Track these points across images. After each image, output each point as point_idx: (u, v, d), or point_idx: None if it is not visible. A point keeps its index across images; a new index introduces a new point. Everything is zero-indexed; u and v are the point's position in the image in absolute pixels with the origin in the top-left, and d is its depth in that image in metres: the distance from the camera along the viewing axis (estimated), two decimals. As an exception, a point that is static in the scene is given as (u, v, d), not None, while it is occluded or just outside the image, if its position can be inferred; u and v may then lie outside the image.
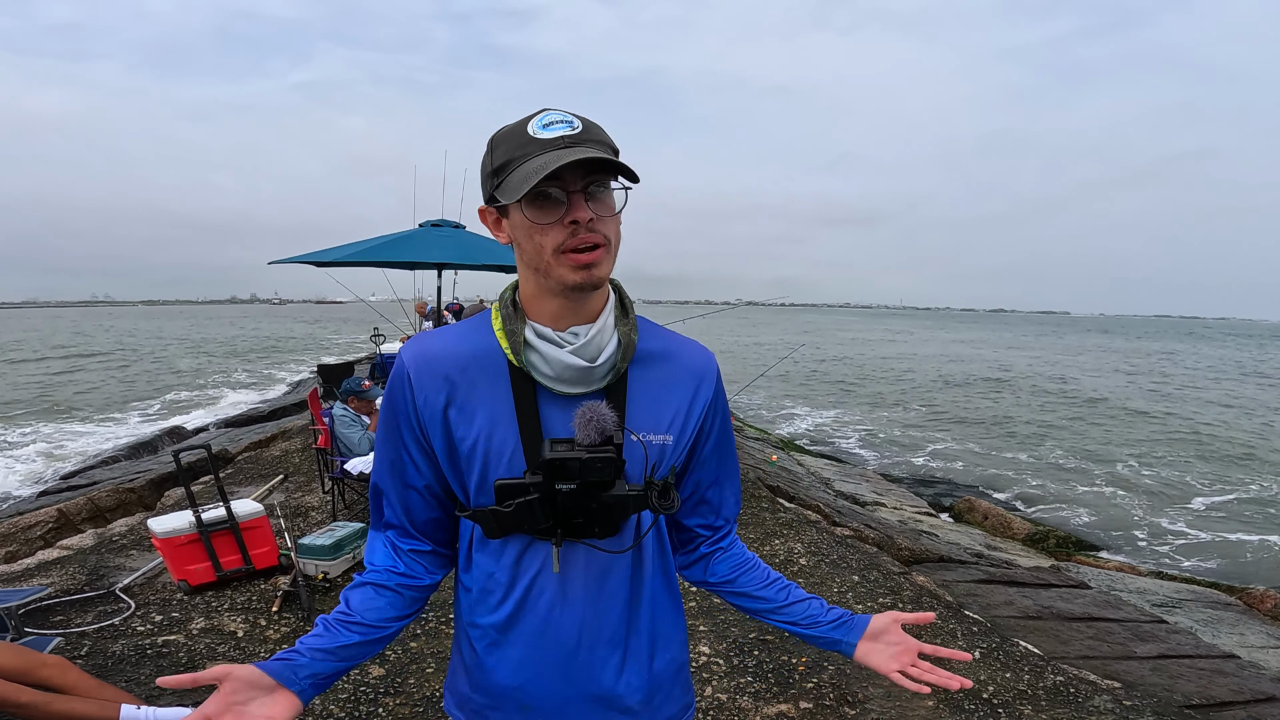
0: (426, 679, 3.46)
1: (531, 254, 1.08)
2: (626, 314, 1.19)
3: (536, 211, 1.05)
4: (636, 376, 1.20)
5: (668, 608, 1.31)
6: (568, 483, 1.08)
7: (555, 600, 1.19)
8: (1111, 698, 3.57)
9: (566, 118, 1.06)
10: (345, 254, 7.16)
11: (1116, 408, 23.03)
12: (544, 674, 1.21)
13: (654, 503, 1.13)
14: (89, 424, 17.30)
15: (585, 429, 1.08)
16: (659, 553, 1.29)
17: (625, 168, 1.04)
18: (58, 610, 4.06)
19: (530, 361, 1.13)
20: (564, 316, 1.14)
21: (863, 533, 6.39)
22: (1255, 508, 11.59)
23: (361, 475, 5.55)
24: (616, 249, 1.11)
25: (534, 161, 1.02)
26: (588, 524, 1.14)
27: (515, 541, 1.18)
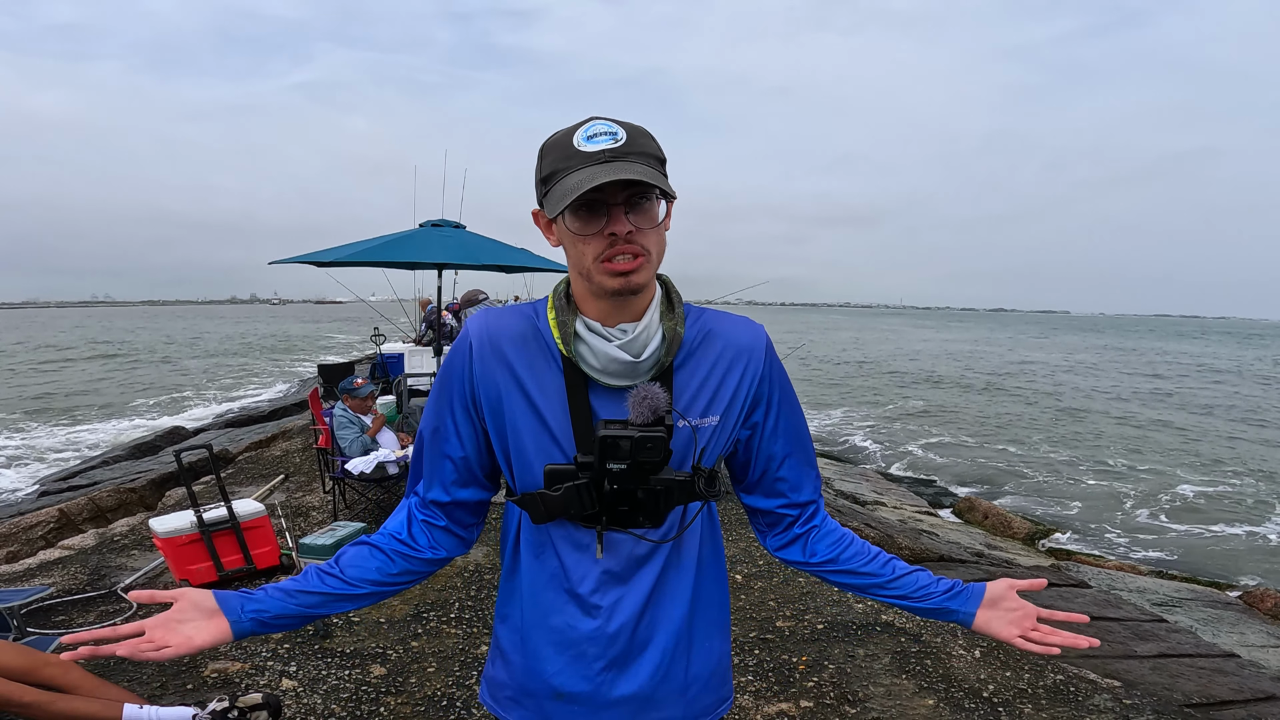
0: (428, 679, 3.47)
1: (575, 260, 1.13)
2: (673, 309, 1.22)
3: (578, 222, 1.08)
4: (685, 364, 1.22)
5: (712, 599, 1.32)
6: (619, 462, 1.11)
7: (596, 586, 1.22)
8: (1111, 696, 3.58)
9: (611, 129, 1.08)
10: (345, 254, 7.16)
11: (1115, 406, 23.04)
12: (581, 660, 1.25)
13: (700, 488, 1.15)
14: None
15: (639, 407, 1.12)
16: (706, 543, 1.30)
17: (657, 186, 1.06)
18: (60, 610, 4.07)
19: (579, 353, 1.17)
20: (611, 315, 1.17)
21: (862, 532, 6.40)
22: (1255, 506, 11.60)
23: (362, 475, 5.56)
24: (658, 258, 1.14)
25: (574, 176, 1.05)
26: (632, 512, 1.17)
27: (562, 526, 1.22)
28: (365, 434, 5.74)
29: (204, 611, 1.10)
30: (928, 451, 15.56)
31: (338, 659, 3.61)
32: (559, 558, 1.23)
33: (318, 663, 3.58)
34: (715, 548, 1.34)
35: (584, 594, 1.23)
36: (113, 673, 3.38)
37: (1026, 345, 61.46)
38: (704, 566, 1.29)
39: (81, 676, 2.76)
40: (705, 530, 1.30)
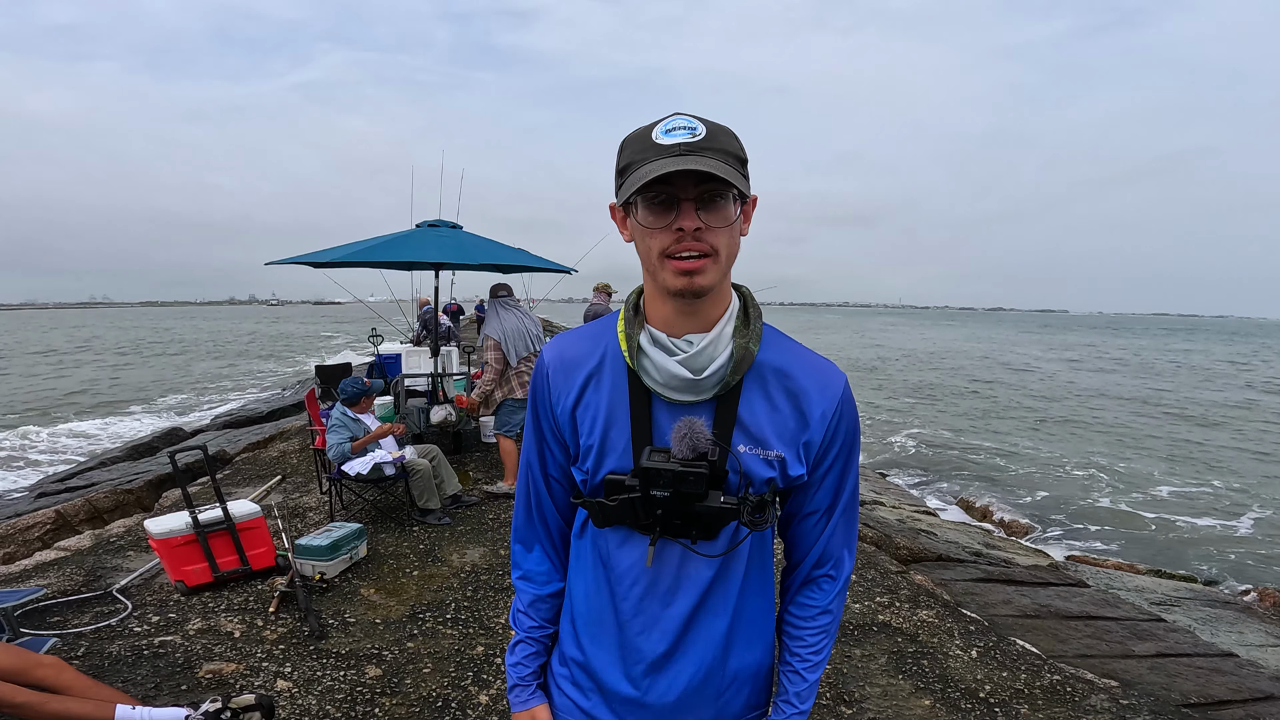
0: (423, 679, 3.46)
1: (643, 255, 1.13)
2: (748, 324, 1.19)
3: (649, 215, 1.08)
4: (753, 389, 1.20)
5: (756, 611, 1.31)
6: (661, 490, 1.12)
7: (646, 592, 1.25)
8: (1109, 696, 3.57)
9: (691, 124, 1.07)
10: (342, 254, 7.15)
11: (1114, 406, 23.05)
12: (626, 660, 1.28)
13: (745, 518, 1.13)
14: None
15: (679, 444, 1.11)
16: (755, 556, 1.28)
17: (732, 184, 1.05)
18: (55, 611, 4.06)
19: (643, 366, 1.18)
20: (677, 322, 1.17)
21: (861, 532, 6.39)
22: (1254, 505, 11.60)
23: (359, 476, 5.55)
24: (728, 260, 1.12)
25: (648, 166, 1.04)
26: (685, 526, 1.18)
27: (619, 532, 1.25)
28: (350, 444, 5.61)
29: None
30: (927, 451, 15.56)
31: (333, 660, 3.60)
32: (614, 558, 1.27)
33: (313, 663, 3.57)
34: (764, 560, 1.32)
35: (632, 598, 1.26)
36: (106, 674, 3.38)
37: (1024, 344, 61.49)
38: (750, 579, 1.28)
39: (74, 677, 2.75)
40: (756, 545, 1.28)
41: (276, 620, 4.01)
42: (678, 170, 1.02)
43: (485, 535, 5.52)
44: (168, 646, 3.68)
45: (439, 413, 7.54)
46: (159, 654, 3.60)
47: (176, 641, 3.74)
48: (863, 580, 4.88)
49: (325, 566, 4.50)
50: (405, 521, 5.76)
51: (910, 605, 4.50)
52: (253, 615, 4.07)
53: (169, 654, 3.60)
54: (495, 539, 5.43)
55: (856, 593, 4.66)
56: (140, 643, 3.71)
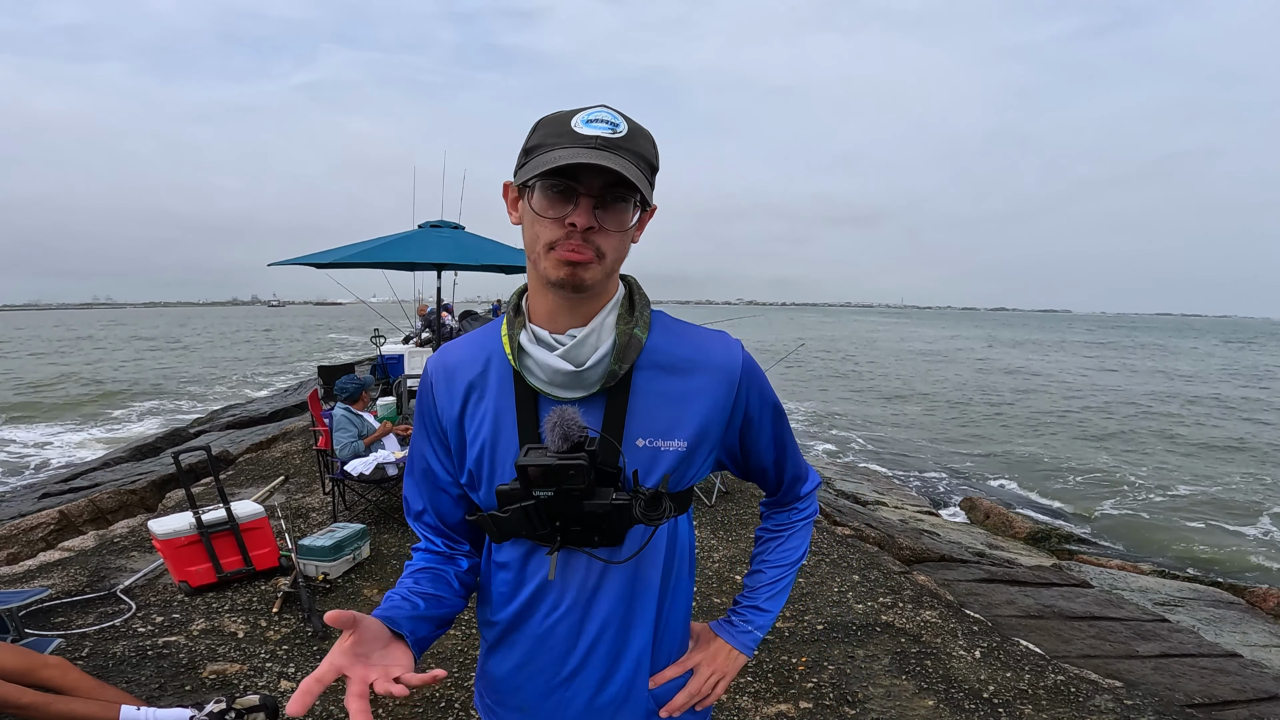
0: (427, 679, 3.46)
1: (528, 242, 1.07)
2: (633, 311, 1.15)
3: (544, 202, 1.02)
4: (645, 379, 1.14)
5: (678, 621, 1.26)
6: (544, 489, 1.05)
7: (553, 607, 1.18)
8: (1113, 697, 3.56)
9: (614, 119, 1.02)
10: (344, 255, 7.16)
11: (1113, 406, 23.02)
12: (538, 679, 1.22)
13: (638, 513, 1.06)
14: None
15: (550, 435, 1.03)
16: (671, 564, 1.22)
17: (638, 189, 1.00)
18: (59, 611, 4.06)
19: (526, 366, 1.12)
20: (559, 316, 1.12)
21: (864, 532, 6.39)
22: (1256, 505, 11.58)
23: (362, 477, 5.55)
24: (614, 264, 1.07)
25: (557, 152, 0.99)
26: (586, 532, 1.10)
27: (521, 546, 1.18)
28: (361, 440, 5.71)
29: (383, 639, 1.04)
30: (929, 451, 15.55)
31: (336, 660, 3.60)
32: (519, 574, 1.20)
33: (316, 664, 3.56)
34: (684, 564, 1.26)
35: (541, 613, 1.19)
36: (110, 674, 3.38)
37: (1019, 343, 61.42)
38: (670, 586, 1.23)
39: (79, 678, 2.76)
40: (673, 548, 1.22)
41: (280, 621, 4.02)
42: (592, 165, 0.97)
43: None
44: (172, 647, 3.68)
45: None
46: (163, 654, 3.60)
47: (180, 642, 3.74)
48: (866, 580, 4.88)
49: (328, 567, 4.51)
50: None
51: (913, 606, 4.49)
52: (256, 616, 4.07)
53: (173, 654, 3.61)
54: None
55: (860, 593, 4.66)
56: (144, 643, 3.71)
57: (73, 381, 26.57)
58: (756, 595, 1.34)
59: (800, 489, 1.37)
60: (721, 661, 1.30)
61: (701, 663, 1.29)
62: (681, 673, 1.27)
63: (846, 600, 4.54)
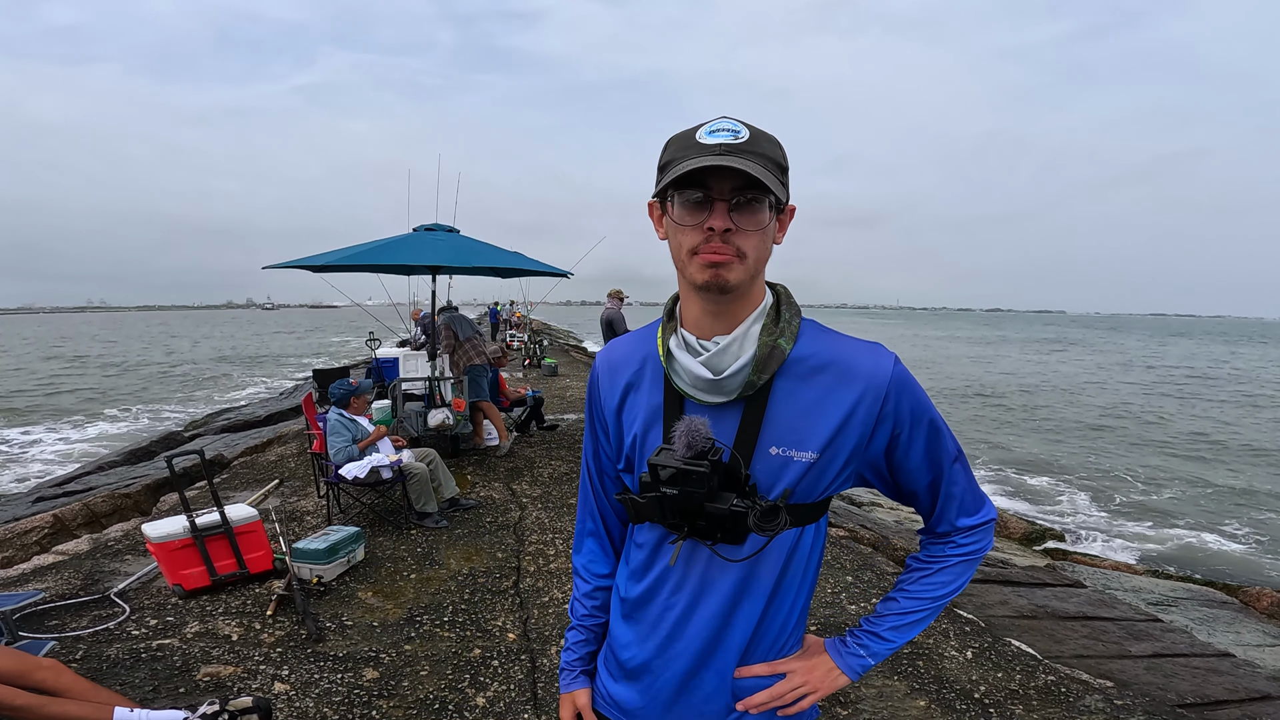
0: (420, 681, 3.46)
1: (674, 251, 1.14)
2: (779, 321, 1.17)
3: (683, 212, 1.08)
4: (784, 388, 1.16)
5: (779, 625, 1.26)
6: (669, 488, 1.12)
7: (673, 591, 1.25)
8: (1103, 697, 3.58)
9: (735, 127, 1.07)
10: (339, 258, 7.17)
11: (1107, 407, 23.08)
12: (649, 657, 1.30)
13: (752, 522, 1.09)
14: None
15: (677, 442, 1.11)
16: (785, 571, 1.22)
17: (769, 189, 1.04)
18: (53, 614, 4.06)
19: (674, 369, 1.20)
20: (707, 323, 1.17)
21: (858, 533, 6.40)
22: (1250, 505, 11.62)
23: (357, 480, 5.55)
24: (756, 263, 1.11)
25: (684, 164, 1.04)
26: (710, 528, 1.15)
27: (655, 531, 1.26)
28: (356, 444, 5.71)
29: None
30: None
31: (330, 662, 3.61)
32: (647, 556, 1.29)
33: (310, 666, 3.57)
34: (800, 572, 1.25)
35: (659, 595, 1.27)
36: (104, 676, 3.38)
37: (1019, 344, 61.56)
38: (780, 592, 1.24)
39: (73, 680, 2.76)
40: (791, 556, 1.22)
41: (274, 623, 4.02)
42: (713, 168, 1.03)
43: (482, 538, 5.52)
44: (165, 649, 3.69)
45: (436, 416, 7.55)
46: (157, 657, 3.61)
47: (174, 644, 3.74)
48: (859, 582, 4.89)
49: (323, 570, 4.51)
50: (403, 525, 5.77)
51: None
52: (250, 618, 4.07)
53: (167, 657, 3.61)
54: (493, 542, 5.44)
55: (853, 594, 4.68)
56: (138, 646, 3.71)
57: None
58: (881, 622, 1.29)
59: (961, 520, 1.27)
60: (818, 676, 1.27)
61: (796, 671, 1.27)
62: (771, 673, 1.27)
63: (839, 601, 4.56)
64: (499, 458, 8.23)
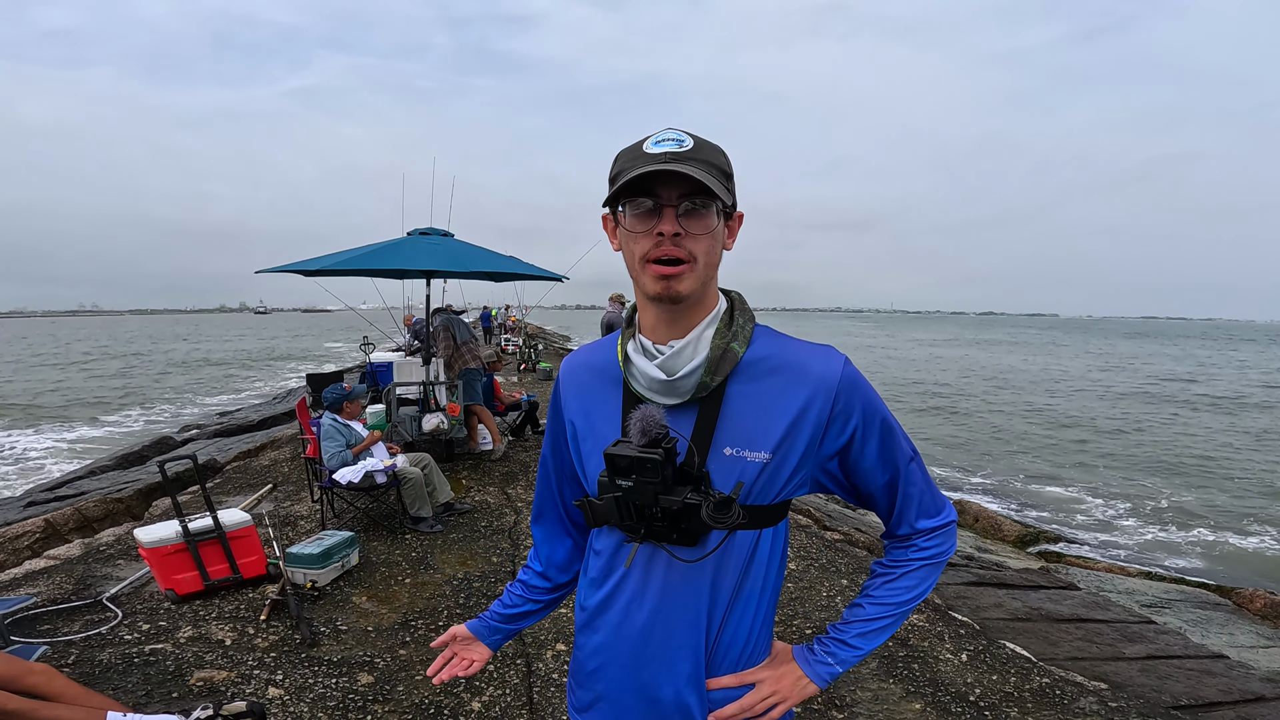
0: (415, 686, 3.45)
1: (627, 260, 1.17)
2: (732, 325, 1.20)
3: (634, 220, 1.12)
4: (738, 390, 1.19)
5: (744, 632, 1.25)
6: (624, 479, 1.13)
7: (633, 597, 1.25)
8: (1098, 699, 3.59)
9: (679, 137, 1.12)
10: (333, 262, 7.15)
11: (1101, 411, 23.16)
12: (614, 665, 1.29)
13: (706, 514, 1.09)
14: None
15: (632, 429, 1.13)
16: (747, 574, 1.22)
17: (712, 191, 1.08)
18: (44, 619, 4.04)
19: (630, 373, 1.23)
20: (662, 327, 1.20)
21: (853, 537, 6.41)
22: (1244, 507, 11.66)
23: (351, 485, 5.54)
24: (706, 268, 1.14)
25: (633, 172, 1.08)
26: (667, 529, 1.16)
27: (614, 536, 1.27)
28: (349, 449, 5.69)
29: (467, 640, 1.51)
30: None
31: (325, 667, 3.59)
32: (609, 563, 1.29)
33: (304, 671, 3.56)
34: (762, 576, 1.24)
35: (621, 602, 1.27)
36: (97, 681, 3.36)
37: (1012, 347, 61.74)
38: (741, 596, 1.23)
39: (65, 684, 2.74)
40: (751, 559, 1.22)
41: (268, 628, 4.00)
42: (660, 175, 1.07)
43: (478, 543, 5.51)
44: (158, 654, 3.67)
45: (431, 421, 7.53)
46: (150, 661, 3.59)
47: (167, 649, 3.72)
48: (855, 585, 4.90)
49: (317, 574, 4.49)
50: (397, 529, 5.75)
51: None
52: (244, 623, 4.06)
53: (160, 661, 3.59)
54: (488, 546, 5.43)
55: (849, 597, 4.68)
56: (131, 650, 3.69)
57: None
58: (847, 629, 1.28)
59: (921, 522, 1.27)
60: (787, 685, 1.27)
61: (766, 680, 1.27)
62: (739, 684, 1.26)
63: (835, 604, 4.56)
64: (493, 462, 8.22)
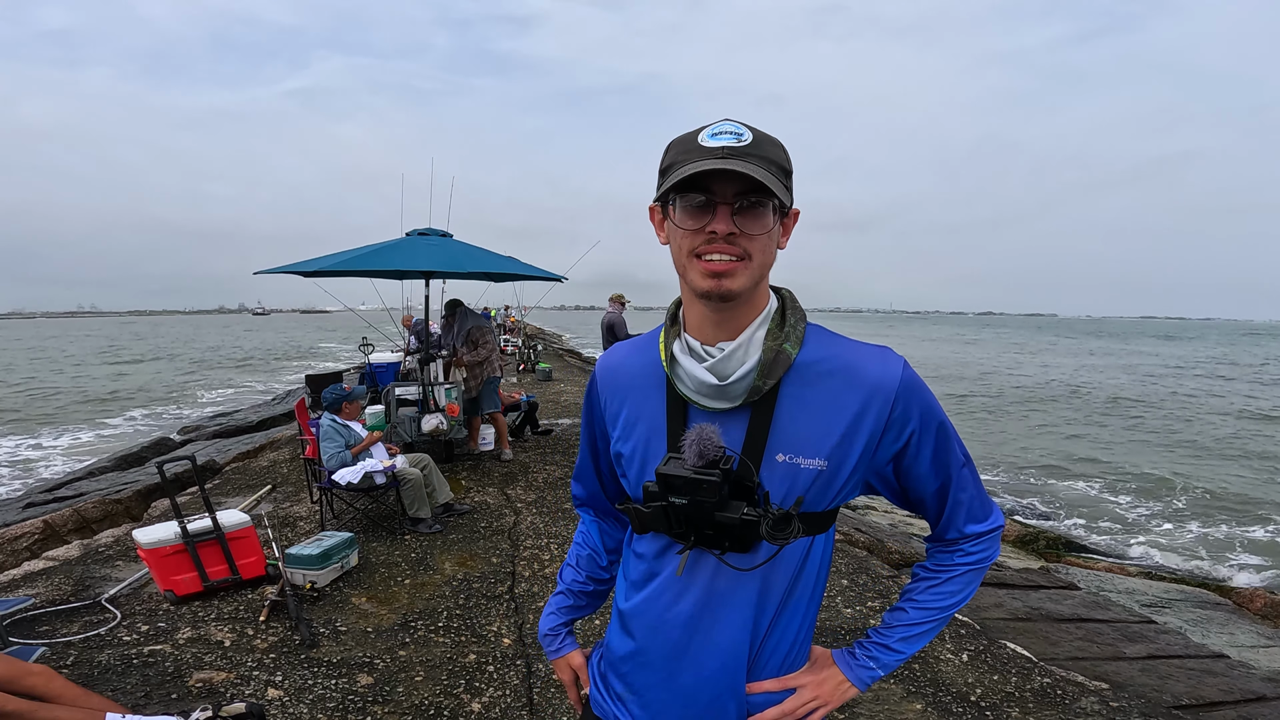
0: (415, 687, 3.44)
1: (675, 255, 1.12)
2: (784, 326, 1.15)
3: (685, 216, 1.06)
4: (791, 394, 1.14)
5: (790, 636, 1.23)
6: (679, 498, 1.09)
7: (674, 602, 1.22)
8: (1099, 699, 3.58)
9: (738, 130, 1.05)
10: (331, 263, 7.15)
11: (1094, 409, 23.17)
12: (650, 666, 1.27)
13: (764, 531, 1.06)
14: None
15: (688, 451, 1.08)
16: (797, 580, 1.20)
17: (773, 193, 1.03)
18: (43, 620, 4.03)
19: (677, 375, 1.17)
20: (710, 329, 1.15)
21: (853, 536, 6.40)
22: (1244, 505, 11.66)
23: (350, 486, 5.53)
24: (761, 268, 1.09)
25: (686, 167, 1.03)
26: (718, 537, 1.12)
27: (658, 541, 1.23)
28: (348, 450, 5.68)
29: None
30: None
31: (324, 668, 3.58)
32: (653, 566, 1.26)
33: (304, 672, 3.55)
34: (812, 583, 1.23)
35: (660, 606, 1.24)
36: (96, 682, 3.35)
37: (1009, 347, 61.77)
38: (791, 602, 1.21)
39: (64, 686, 2.74)
40: (802, 566, 1.20)
41: (267, 629, 4.00)
42: (716, 171, 1.01)
43: (477, 543, 5.50)
44: (157, 655, 3.66)
45: (430, 421, 7.52)
46: (149, 663, 3.58)
47: (166, 650, 3.71)
48: (855, 585, 4.89)
49: (316, 575, 4.49)
50: (397, 530, 5.74)
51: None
52: (243, 624, 4.05)
53: (159, 663, 3.58)
54: (487, 547, 5.42)
55: (849, 597, 4.67)
56: (129, 651, 3.68)
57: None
58: (890, 633, 1.26)
59: (969, 527, 1.23)
60: (828, 690, 1.25)
61: (807, 685, 1.25)
62: (781, 689, 1.24)
63: (835, 605, 4.55)
64: (499, 461, 8.23)
